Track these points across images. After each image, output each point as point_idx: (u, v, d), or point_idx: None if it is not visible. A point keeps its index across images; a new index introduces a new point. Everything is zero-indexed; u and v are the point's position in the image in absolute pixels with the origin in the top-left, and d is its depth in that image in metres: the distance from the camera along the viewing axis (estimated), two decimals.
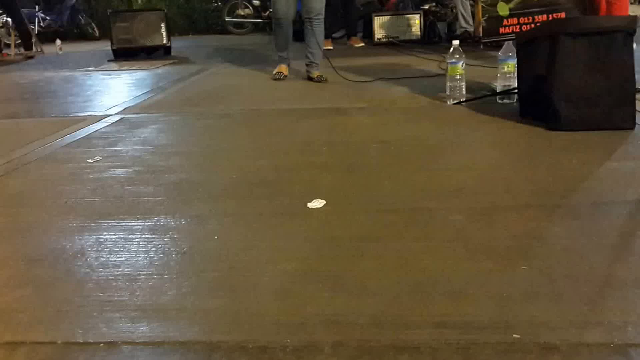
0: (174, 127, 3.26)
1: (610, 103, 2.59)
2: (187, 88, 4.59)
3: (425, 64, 5.02)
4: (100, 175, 2.38)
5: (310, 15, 4.29)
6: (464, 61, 3.33)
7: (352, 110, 3.41)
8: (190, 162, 2.54)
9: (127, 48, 6.67)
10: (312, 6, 4.26)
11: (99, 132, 3.13)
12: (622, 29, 2.57)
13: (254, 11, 9.78)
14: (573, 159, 2.30)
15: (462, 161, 2.39)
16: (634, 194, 1.91)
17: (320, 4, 4.26)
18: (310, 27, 4.34)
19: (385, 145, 2.64)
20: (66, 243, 1.72)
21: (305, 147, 2.70)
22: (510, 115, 2.99)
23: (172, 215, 1.90)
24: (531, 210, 1.81)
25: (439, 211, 1.85)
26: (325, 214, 1.87)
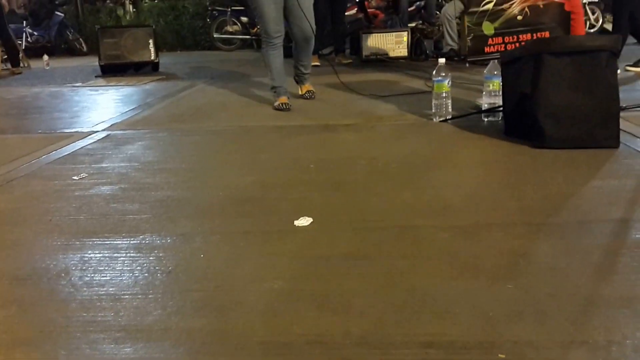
0: (161, 144, 3.25)
1: (595, 122, 2.62)
2: (175, 104, 4.58)
3: (412, 81, 5.06)
4: (85, 192, 2.36)
5: (307, 35, 4.15)
6: (450, 79, 3.35)
7: (339, 127, 3.42)
8: (177, 179, 2.53)
9: (114, 64, 6.67)
10: (305, 30, 4.13)
11: (85, 149, 3.12)
12: (606, 48, 2.60)
13: (242, 28, 9.84)
14: (558, 177, 2.32)
15: (448, 178, 2.40)
16: (618, 213, 1.92)
17: (313, 22, 4.14)
18: (304, 46, 4.25)
19: (373, 162, 2.65)
20: (50, 262, 1.71)
21: (293, 164, 2.70)
22: (495, 133, 3.01)
23: (158, 233, 1.89)
24: (517, 228, 1.82)
25: (426, 229, 1.85)
26: (312, 232, 1.87)
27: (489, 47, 4.52)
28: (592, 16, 8.95)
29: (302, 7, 4.02)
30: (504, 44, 4.51)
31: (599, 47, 2.61)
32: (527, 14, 4.49)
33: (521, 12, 4.48)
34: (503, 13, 4.50)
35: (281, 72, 4.18)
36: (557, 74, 2.62)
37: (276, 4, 3.98)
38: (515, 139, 2.85)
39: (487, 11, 4.52)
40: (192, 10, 10.91)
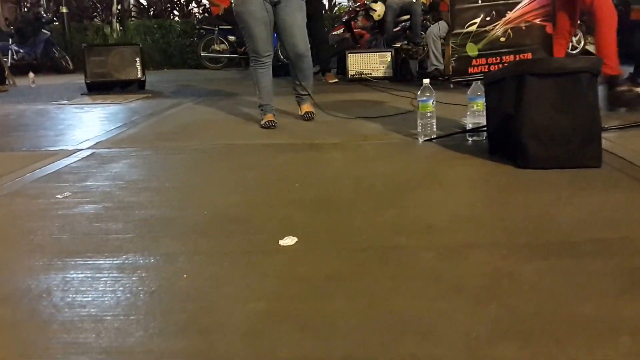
0: (146, 162, 3.24)
1: (577, 142, 2.65)
2: (161, 122, 4.58)
3: (398, 100, 5.10)
4: (69, 211, 2.34)
5: (300, 53, 4.13)
6: (434, 99, 3.38)
7: (325, 146, 3.43)
8: (161, 198, 2.52)
9: (101, 82, 6.66)
10: (298, 47, 4.11)
11: (70, 167, 3.10)
12: (587, 70, 2.64)
13: (229, 46, 9.88)
14: (541, 197, 2.34)
15: (432, 198, 2.41)
16: (600, 233, 1.94)
17: (305, 42, 4.13)
18: (300, 65, 4.21)
19: (358, 182, 2.66)
20: (32, 282, 1.69)
21: (279, 183, 2.70)
22: (479, 153, 3.03)
23: (141, 253, 1.87)
24: (500, 248, 1.83)
25: (410, 249, 1.86)
26: (297, 252, 1.86)
27: (472, 67, 4.56)
28: (574, 38, 9.08)
29: (292, 24, 4.03)
30: (488, 65, 4.55)
31: (581, 68, 2.65)
32: (510, 35, 4.54)
33: (504, 33, 4.54)
34: (486, 35, 4.55)
35: (269, 90, 4.18)
36: (539, 95, 2.66)
37: (265, 24, 3.97)
38: (499, 158, 2.87)
39: (471, 32, 4.57)
40: (180, 29, 10.95)
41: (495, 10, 4.54)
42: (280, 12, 4.00)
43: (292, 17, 4.02)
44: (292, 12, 4.01)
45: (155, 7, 12.19)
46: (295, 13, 4.03)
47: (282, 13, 4.00)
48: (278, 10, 4.01)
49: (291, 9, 4.00)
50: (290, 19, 4.02)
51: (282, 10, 4.00)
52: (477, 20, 4.55)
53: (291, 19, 4.02)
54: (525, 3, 4.50)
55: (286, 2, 3.99)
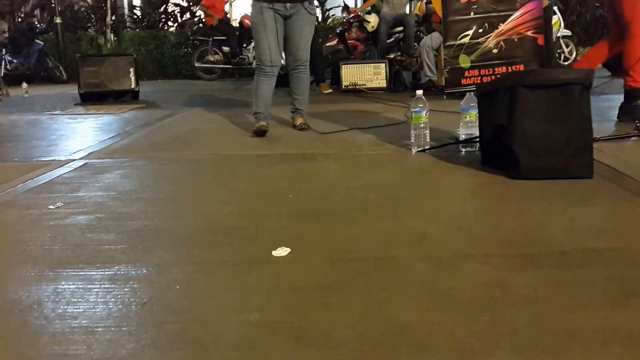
0: (139, 173, 3.23)
1: (569, 153, 2.66)
2: (155, 133, 4.57)
3: (391, 111, 5.11)
4: (61, 222, 2.33)
5: (297, 63, 4.30)
6: (427, 110, 3.40)
7: (319, 157, 3.43)
8: (154, 209, 2.51)
9: (94, 92, 6.66)
10: (299, 54, 4.27)
11: (62, 177, 3.09)
12: (579, 82, 2.66)
13: (223, 57, 9.89)
14: (534, 207, 2.35)
15: (426, 209, 2.42)
16: (592, 243, 1.95)
17: (306, 52, 4.29)
18: (296, 75, 4.35)
19: (352, 192, 2.66)
20: (23, 293, 1.67)
21: (273, 194, 2.70)
22: (472, 164, 3.04)
23: (133, 264, 1.86)
24: (494, 259, 1.83)
25: (404, 260, 1.86)
26: (290, 263, 1.86)
27: (465, 79, 4.60)
28: (566, 49, 9.16)
29: (299, 36, 4.21)
30: (480, 77, 4.59)
31: (572, 80, 2.67)
32: (503, 47, 4.58)
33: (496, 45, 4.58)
34: (479, 46, 4.59)
35: (266, 100, 4.28)
36: (531, 106, 2.67)
37: (274, 35, 4.12)
38: (492, 169, 2.88)
39: (464, 44, 4.61)
40: (174, 40, 10.96)
41: (488, 23, 4.58)
42: (291, 25, 4.19)
43: (301, 30, 4.22)
44: (302, 26, 4.21)
45: (150, 17, 12.21)
46: (304, 26, 4.23)
47: (293, 26, 4.19)
48: (289, 23, 4.20)
49: (301, 22, 4.20)
50: (298, 31, 4.21)
51: (292, 23, 4.19)
52: (469, 32, 4.58)
53: (299, 32, 4.22)
54: (517, 15, 4.54)
55: (297, 16, 4.18)
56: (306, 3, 4.20)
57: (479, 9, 4.60)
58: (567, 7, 10.23)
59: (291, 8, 4.16)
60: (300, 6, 4.18)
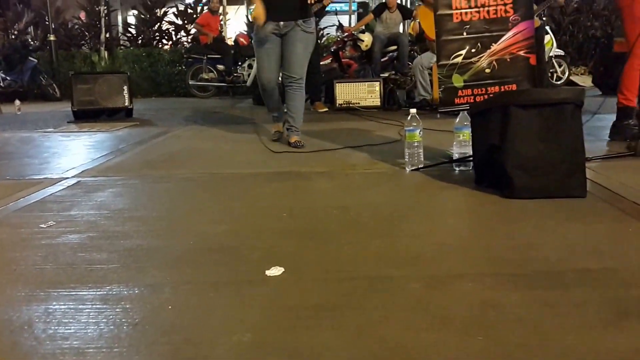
0: (132, 191, 3.22)
1: (562, 172, 2.68)
2: (148, 151, 4.57)
3: (385, 129, 5.13)
4: (52, 241, 2.32)
5: (289, 80, 4.39)
6: (421, 129, 3.41)
7: (313, 175, 3.44)
8: (147, 228, 2.50)
9: (87, 109, 6.64)
10: (292, 70, 4.37)
11: (54, 196, 3.08)
12: (570, 101, 2.68)
13: (217, 75, 9.92)
14: (527, 226, 2.35)
15: (420, 228, 2.42)
16: (585, 263, 1.95)
17: (301, 68, 4.38)
18: (290, 91, 4.42)
19: (345, 211, 2.66)
20: (13, 313, 1.66)
21: (266, 212, 2.70)
22: (466, 182, 3.05)
23: (125, 284, 1.85)
24: (487, 278, 1.83)
25: (398, 279, 1.85)
26: (283, 282, 1.85)
27: (459, 98, 4.62)
28: (559, 69, 9.24)
29: (292, 52, 4.34)
30: (474, 96, 4.61)
31: (564, 99, 2.69)
32: (495, 67, 4.60)
33: (489, 65, 4.61)
34: (472, 66, 4.61)
35: (274, 105, 4.69)
36: (524, 126, 2.69)
37: (269, 55, 4.37)
38: (485, 188, 2.89)
39: (457, 64, 4.64)
40: (168, 58, 10.99)
41: (480, 42, 4.61)
42: (285, 42, 4.36)
43: (293, 46, 4.34)
44: (294, 42, 4.34)
45: (144, 35, 12.24)
46: (296, 43, 4.34)
47: (286, 43, 4.36)
48: (284, 41, 4.37)
49: (294, 38, 4.33)
50: (291, 48, 4.34)
51: (286, 40, 4.35)
52: (462, 52, 4.62)
53: (292, 48, 4.34)
54: (510, 35, 4.58)
55: (291, 33, 4.32)
56: (300, 21, 4.29)
57: (471, 29, 4.64)
58: (559, 27, 10.34)
59: (285, 27, 4.30)
60: (294, 24, 4.29)
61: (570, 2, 10.22)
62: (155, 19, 12.23)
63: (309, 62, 4.51)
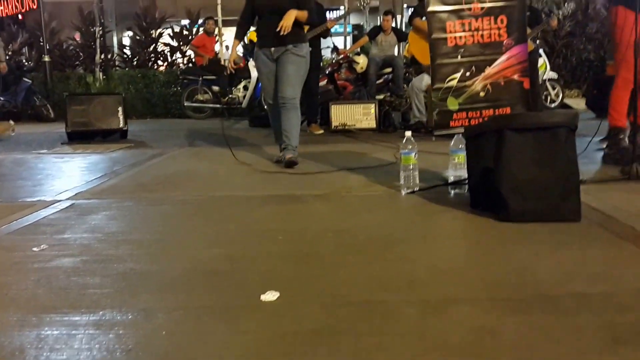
0: (127, 214, 3.20)
1: (557, 195, 2.68)
2: (143, 173, 4.55)
3: (381, 151, 5.14)
4: (45, 264, 2.30)
5: (281, 100, 4.51)
6: (416, 151, 3.42)
7: (308, 198, 3.43)
8: (141, 251, 2.48)
9: (82, 131, 6.63)
10: (283, 91, 4.50)
11: (48, 219, 3.06)
12: (564, 125, 2.69)
13: (213, 96, 9.94)
14: (523, 250, 2.35)
15: (415, 251, 2.41)
16: (581, 287, 1.95)
17: (292, 89, 4.50)
18: (284, 111, 4.53)
19: (341, 234, 2.65)
20: (5, 339, 1.64)
21: (261, 236, 2.68)
22: (461, 205, 3.05)
23: (119, 309, 1.83)
24: (483, 303, 1.82)
25: (394, 304, 1.84)
26: (279, 307, 1.84)
27: (454, 121, 4.67)
28: (553, 92, 9.32)
29: (282, 73, 4.49)
30: (468, 119, 4.66)
31: (558, 123, 2.71)
32: (489, 90, 4.67)
33: (483, 88, 4.67)
34: (466, 89, 4.67)
35: (278, 130, 4.71)
36: (518, 149, 2.70)
37: (268, 77, 4.62)
38: (480, 211, 2.89)
39: (452, 87, 4.69)
40: (163, 79, 11.02)
41: (475, 66, 4.67)
42: (278, 65, 4.56)
43: (284, 67, 4.51)
44: (285, 65, 4.51)
45: (139, 57, 12.29)
46: (287, 64, 4.51)
47: (279, 66, 4.55)
48: (277, 65, 4.56)
49: (284, 61, 4.52)
50: (282, 69, 4.52)
51: (278, 64, 4.55)
52: (457, 75, 4.67)
53: (283, 70, 4.51)
54: (504, 59, 4.64)
55: (282, 57, 4.51)
56: (290, 46, 4.49)
57: (466, 52, 4.70)
58: (552, 50, 10.44)
59: (276, 52, 4.53)
60: (284, 49, 4.50)
61: (564, 26, 10.34)
62: (150, 40, 12.29)
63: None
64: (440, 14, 4.76)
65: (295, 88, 4.53)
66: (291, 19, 4.37)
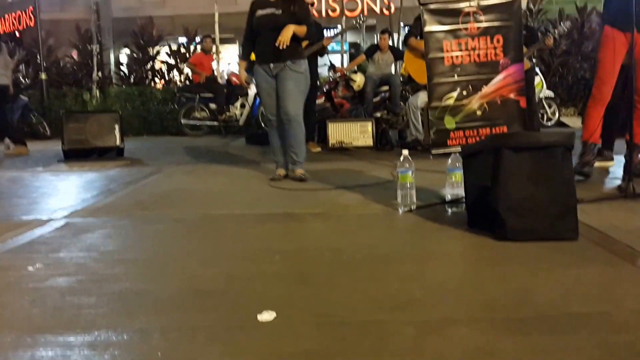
0: (122, 233, 3.19)
1: (554, 214, 2.68)
2: (139, 191, 4.54)
3: (378, 169, 5.14)
4: (40, 284, 2.28)
5: (285, 117, 4.58)
6: (414, 170, 3.42)
7: (305, 216, 3.42)
8: (136, 270, 2.47)
9: (78, 149, 6.63)
10: (286, 108, 4.56)
11: (43, 238, 3.04)
12: (561, 144, 2.70)
13: (210, 114, 9.96)
14: (520, 270, 2.34)
15: (413, 271, 2.40)
16: (579, 307, 1.94)
17: (294, 105, 4.57)
18: (289, 129, 4.62)
19: (338, 253, 2.64)
20: None
21: (258, 255, 2.67)
22: (459, 224, 3.05)
23: (114, 329, 1.81)
24: (481, 323, 1.81)
25: (391, 324, 1.83)
26: (276, 327, 1.82)
27: (451, 140, 4.67)
28: (549, 110, 9.37)
29: (283, 90, 4.55)
30: (465, 138, 4.67)
31: (555, 143, 2.71)
32: (486, 109, 4.68)
33: (480, 107, 4.68)
34: (463, 108, 4.68)
35: (276, 148, 4.81)
36: (516, 168, 2.70)
37: (268, 93, 4.67)
38: (478, 230, 2.89)
39: (449, 106, 4.70)
40: (160, 96, 11.04)
41: (471, 85, 4.69)
42: (277, 82, 4.61)
43: (284, 85, 4.57)
44: (284, 81, 4.57)
45: (136, 74, 12.33)
46: (286, 81, 4.56)
47: (278, 82, 4.61)
48: (277, 81, 4.61)
49: (284, 78, 4.57)
50: (282, 86, 4.57)
51: (278, 80, 4.61)
52: (454, 94, 4.68)
53: (283, 86, 4.57)
54: (500, 78, 4.66)
55: (281, 74, 4.57)
56: (289, 62, 4.55)
57: (462, 71, 4.72)
58: (549, 69, 10.52)
59: (275, 68, 4.58)
60: (283, 65, 4.55)
61: (560, 45, 10.42)
62: (147, 57, 12.34)
63: (308, 102, 4.64)
64: (437, 33, 4.79)
65: (296, 104, 4.58)
66: (289, 33, 4.41)
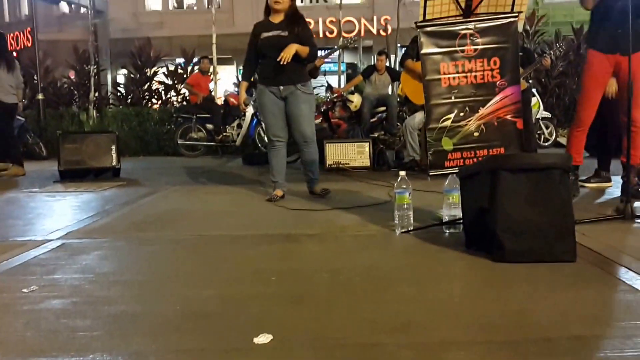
0: (118, 254, 3.16)
1: (552, 236, 2.67)
2: (135, 212, 4.52)
3: (375, 190, 5.14)
4: (34, 306, 2.25)
5: (303, 139, 4.65)
6: (411, 191, 3.42)
7: (302, 238, 3.41)
8: (132, 292, 2.44)
9: (74, 169, 6.61)
10: (304, 131, 4.62)
11: (38, 259, 3.01)
12: (558, 166, 2.71)
13: (206, 134, 9.97)
14: (518, 291, 2.33)
15: (410, 293, 2.38)
16: (577, 330, 1.92)
17: (310, 127, 4.66)
18: (305, 150, 4.71)
19: (335, 275, 2.62)
20: None
21: (254, 276, 2.65)
22: (456, 245, 3.04)
23: (109, 353, 1.79)
24: (479, 346, 1.79)
25: (388, 347, 1.81)
26: (272, 350, 1.80)
27: (449, 161, 4.70)
28: (546, 131, 9.42)
29: (298, 115, 4.59)
30: (463, 159, 4.69)
31: (552, 164, 2.72)
32: (483, 130, 4.71)
33: (477, 128, 4.71)
34: (460, 130, 4.71)
35: (278, 169, 4.80)
36: (513, 190, 2.70)
37: (274, 114, 4.65)
38: (475, 251, 2.88)
39: (446, 127, 4.73)
40: (157, 117, 11.05)
41: (469, 107, 4.72)
42: (289, 105, 4.63)
43: (298, 109, 4.60)
44: (298, 104, 4.60)
45: (134, 95, 12.37)
46: (300, 105, 4.60)
47: (290, 106, 4.62)
48: (287, 104, 4.64)
49: (297, 101, 4.60)
50: (296, 110, 4.61)
51: (289, 103, 4.62)
52: (451, 116, 4.72)
53: (297, 110, 4.61)
54: (497, 100, 4.70)
55: (292, 97, 4.60)
56: (299, 85, 4.57)
57: (459, 93, 4.76)
58: (545, 90, 10.59)
59: (284, 90, 4.59)
60: (293, 88, 4.58)
61: (556, 66, 10.50)
62: (145, 78, 12.39)
63: None
64: (434, 55, 4.83)
65: (312, 126, 4.69)
66: (292, 51, 4.41)
